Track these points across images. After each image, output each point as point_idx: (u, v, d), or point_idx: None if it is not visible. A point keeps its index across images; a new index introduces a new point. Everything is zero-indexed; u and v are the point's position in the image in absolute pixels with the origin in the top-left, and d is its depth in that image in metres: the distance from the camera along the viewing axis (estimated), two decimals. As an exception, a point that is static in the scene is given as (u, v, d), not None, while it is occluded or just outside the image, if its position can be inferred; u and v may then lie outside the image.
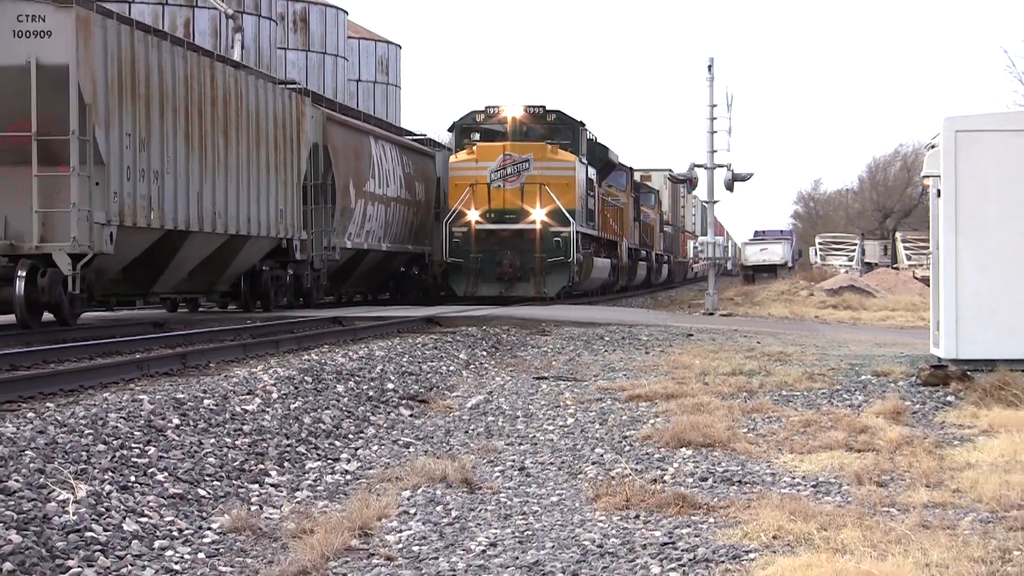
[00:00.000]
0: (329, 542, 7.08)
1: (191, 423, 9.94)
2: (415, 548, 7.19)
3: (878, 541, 6.75)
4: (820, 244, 70.28)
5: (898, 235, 68.86)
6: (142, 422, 9.51)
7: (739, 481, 8.78)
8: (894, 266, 59.86)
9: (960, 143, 13.68)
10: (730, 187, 32.72)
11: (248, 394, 11.51)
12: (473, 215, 32.51)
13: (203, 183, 22.78)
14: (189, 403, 10.51)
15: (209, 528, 7.73)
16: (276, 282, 27.64)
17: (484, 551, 7.05)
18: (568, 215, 32.50)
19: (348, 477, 9.63)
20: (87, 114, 18.80)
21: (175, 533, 7.54)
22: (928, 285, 18.41)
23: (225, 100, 23.92)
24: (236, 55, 34.99)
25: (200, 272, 24.39)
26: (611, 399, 13.07)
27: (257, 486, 9.03)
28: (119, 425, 9.23)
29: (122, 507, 7.61)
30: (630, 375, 15.28)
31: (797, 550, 6.65)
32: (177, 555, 7.12)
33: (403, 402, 13.44)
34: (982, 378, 12.68)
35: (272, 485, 9.16)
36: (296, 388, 12.41)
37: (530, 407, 12.89)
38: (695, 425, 10.46)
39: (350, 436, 11.36)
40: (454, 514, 7.98)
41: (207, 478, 8.77)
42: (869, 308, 33.10)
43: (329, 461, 10.21)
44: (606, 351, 18.92)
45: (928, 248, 14.95)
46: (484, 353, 19.08)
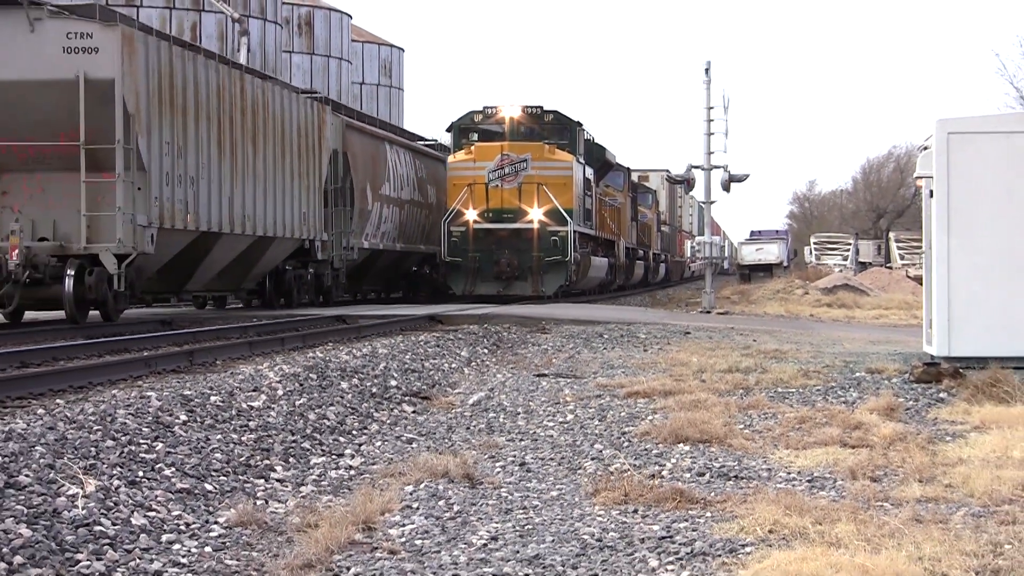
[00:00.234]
0: (333, 536, 7.09)
1: (198, 419, 9.95)
2: (418, 542, 7.19)
3: (872, 535, 6.75)
4: (815, 244, 70.30)
5: (891, 235, 68.87)
6: (150, 418, 9.51)
7: (736, 476, 8.78)
8: (887, 265, 59.91)
9: (952, 145, 13.67)
10: (727, 188, 32.70)
11: (254, 391, 11.52)
12: (471, 215, 32.28)
13: (234, 187, 23.83)
14: (196, 400, 10.51)
15: (215, 522, 7.74)
16: (299, 281, 28.59)
17: (485, 545, 7.05)
18: (566, 214, 32.22)
19: (352, 472, 9.63)
20: (130, 124, 19.89)
21: (182, 527, 7.54)
22: (921, 284, 18.40)
23: (253, 109, 24.98)
24: (242, 58, 35.02)
25: (229, 271, 25.42)
26: (610, 396, 13.06)
27: (263, 481, 9.03)
28: (127, 421, 9.23)
29: (130, 502, 7.61)
30: (629, 372, 15.27)
31: (792, 544, 6.65)
32: (184, 548, 7.13)
33: (406, 399, 13.44)
34: (974, 375, 12.67)
35: (277, 480, 9.16)
36: (301, 385, 12.42)
37: (530, 404, 12.88)
38: (692, 421, 10.46)
39: (354, 432, 11.36)
40: (456, 508, 7.98)
41: (214, 473, 8.78)
42: (863, 306, 33.08)
43: (333, 457, 10.21)
44: (605, 349, 18.91)
45: (921, 248, 14.95)
46: (485, 351, 19.08)
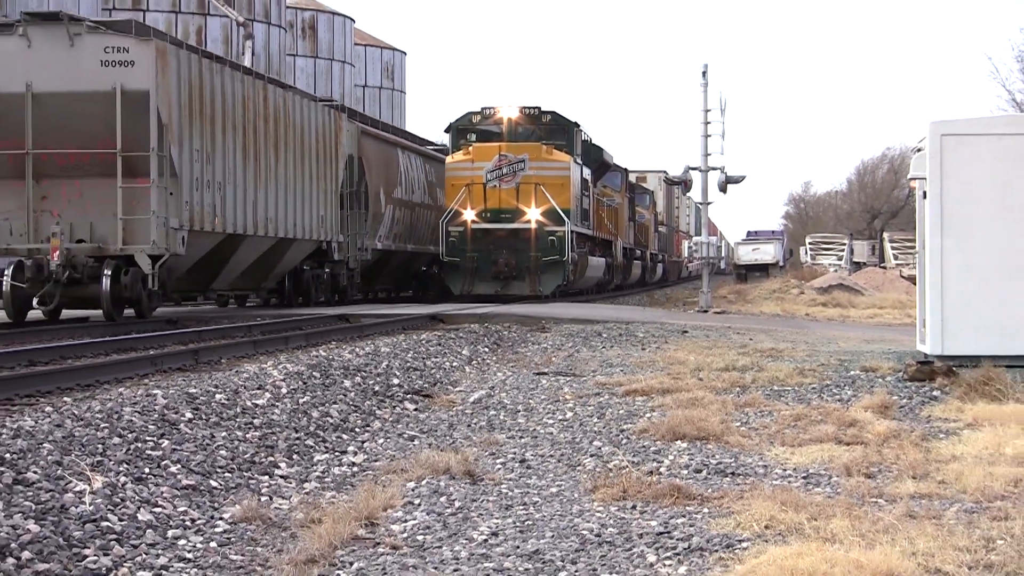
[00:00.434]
0: (336, 531, 7.09)
1: (203, 417, 9.95)
2: (419, 537, 7.19)
3: (866, 531, 6.75)
4: (810, 244, 70.31)
5: (886, 235, 68.86)
6: (156, 416, 9.51)
7: (732, 473, 8.78)
8: (882, 265, 59.85)
9: (946, 146, 13.67)
10: (723, 189, 32.66)
11: (258, 389, 11.52)
12: (469, 215, 32.05)
13: (257, 192, 24.77)
14: (201, 398, 10.51)
15: (221, 518, 7.74)
16: (316, 280, 29.40)
17: (486, 540, 7.06)
18: (563, 214, 31.99)
19: (355, 469, 9.63)
20: (164, 133, 20.75)
21: (188, 523, 7.54)
22: (914, 283, 18.39)
23: (275, 118, 25.90)
24: (247, 61, 35.04)
25: (252, 271, 26.26)
26: (609, 394, 13.06)
27: (267, 477, 9.03)
28: (134, 419, 9.24)
29: (137, 498, 7.61)
30: (627, 371, 15.26)
31: (788, 539, 6.66)
32: (190, 544, 7.13)
33: (408, 397, 13.43)
34: (967, 374, 12.67)
35: (281, 476, 9.16)
36: (304, 383, 12.42)
37: (530, 401, 12.88)
38: (690, 419, 10.46)
39: (357, 429, 11.36)
40: (457, 505, 7.98)
41: (219, 470, 8.78)
42: (858, 306, 33.04)
43: (336, 453, 10.21)
44: (604, 347, 18.90)
45: (914, 248, 14.94)
46: (486, 349, 19.07)
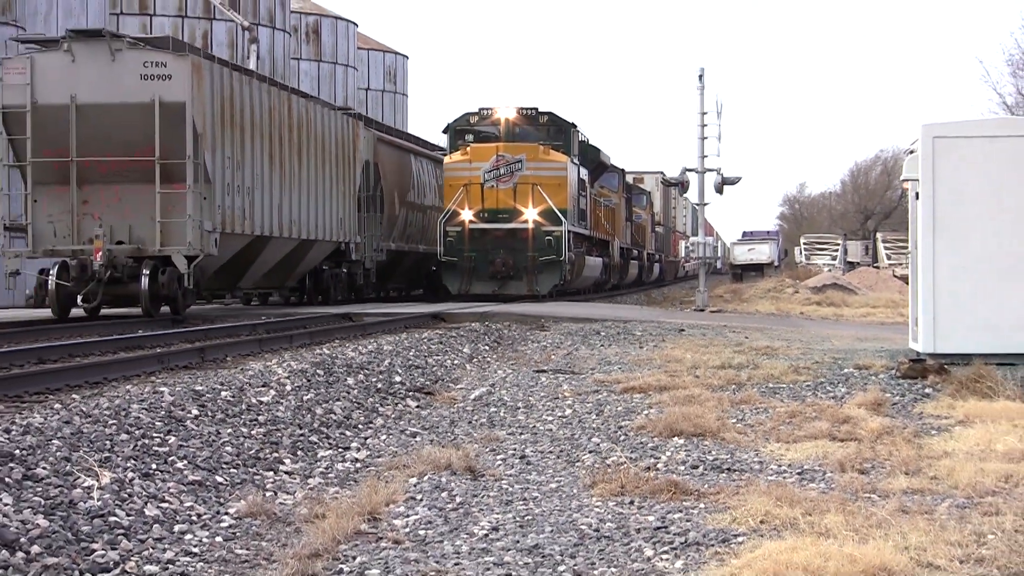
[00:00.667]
0: (340, 526, 7.09)
1: (209, 414, 9.95)
2: (421, 532, 7.19)
3: (860, 525, 6.75)
4: (805, 244, 70.28)
5: (879, 235, 68.87)
6: (163, 413, 9.51)
7: (728, 469, 8.78)
8: (875, 265, 59.90)
9: (938, 148, 13.67)
10: (720, 190, 32.63)
11: (263, 386, 11.52)
12: (467, 215, 31.87)
13: (282, 196, 25.90)
14: (207, 395, 10.51)
15: (226, 513, 7.74)
16: (335, 279, 30.34)
17: (487, 535, 7.05)
18: (560, 215, 31.81)
19: (358, 465, 9.63)
20: (198, 142, 21.76)
21: (194, 518, 7.54)
22: (907, 283, 18.39)
23: (299, 126, 26.96)
24: (251, 65, 35.02)
25: (276, 270, 27.27)
26: (607, 391, 13.06)
27: (272, 473, 9.03)
28: (141, 416, 9.23)
29: (144, 493, 7.61)
30: (625, 368, 15.26)
31: (783, 534, 6.66)
32: (196, 538, 7.13)
33: (410, 394, 13.44)
34: (958, 371, 12.67)
35: (286, 472, 9.16)
36: (308, 381, 12.42)
37: (530, 399, 12.88)
38: (687, 416, 10.46)
39: (360, 426, 11.36)
40: (458, 500, 7.98)
41: (224, 466, 8.78)
42: (851, 305, 33.03)
43: (340, 450, 10.21)
44: (602, 346, 18.89)
45: (907, 248, 14.93)
46: (486, 347, 19.06)
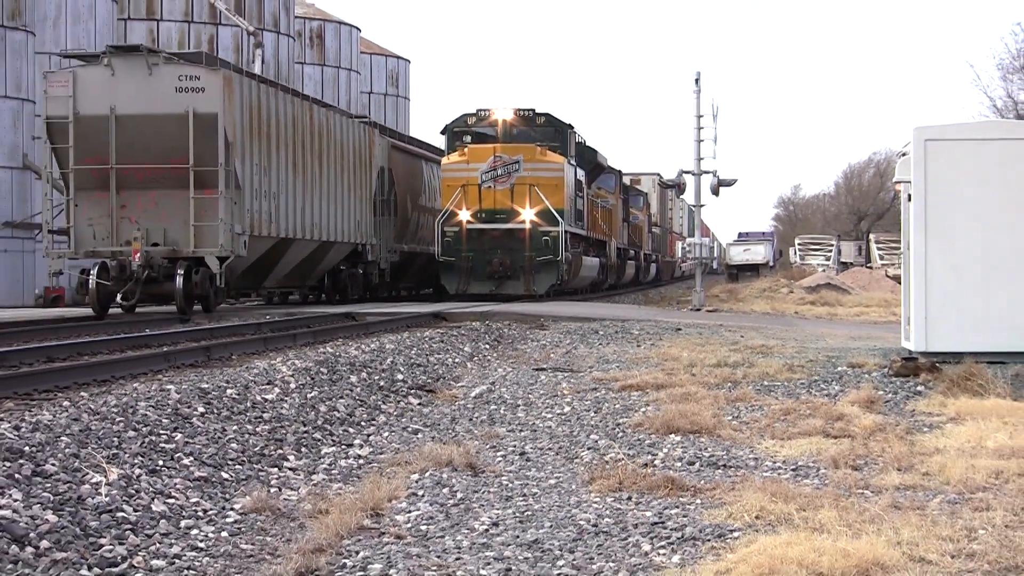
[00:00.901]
0: (343, 522, 7.08)
1: (215, 411, 9.95)
2: (423, 527, 7.19)
3: (853, 521, 6.75)
4: (799, 245, 70.33)
5: (872, 236, 68.88)
6: (169, 410, 9.51)
7: (724, 465, 8.78)
8: (868, 265, 59.86)
9: (929, 151, 13.68)
10: (716, 192, 32.64)
11: (268, 384, 11.52)
12: (464, 215, 31.69)
13: (305, 200, 27.02)
14: (213, 392, 10.51)
15: (232, 509, 7.73)
16: (352, 279, 31.36)
17: (487, 530, 7.05)
18: (557, 215, 31.62)
19: (361, 461, 9.63)
20: (229, 150, 22.94)
21: (200, 513, 7.54)
22: (899, 283, 18.40)
23: (319, 134, 28.06)
24: (256, 69, 35.04)
25: (298, 271, 28.43)
26: (605, 389, 13.05)
27: (276, 470, 9.03)
28: (148, 413, 9.23)
29: (151, 489, 7.61)
30: (623, 367, 15.25)
31: (778, 529, 6.65)
32: (202, 534, 7.13)
33: (412, 392, 13.43)
34: (950, 369, 12.67)
35: (290, 469, 9.16)
36: (312, 378, 12.41)
37: (530, 396, 12.88)
38: (683, 413, 10.46)
39: (363, 423, 11.36)
40: (459, 496, 7.98)
41: (230, 462, 8.78)
42: (845, 304, 33.01)
43: (343, 446, 10.21)
44: (600, 344, 18.88)
45: (899, 248, 14.95)
46: (487, 346, 19.06)
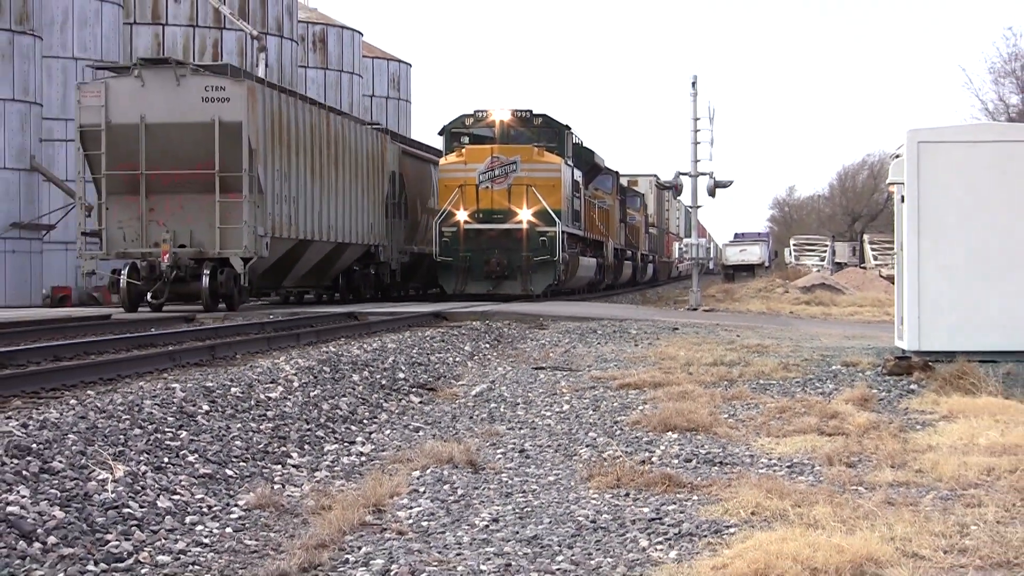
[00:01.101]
0: (346, 518, 7.09)
1: (219, 409, 9.95)
2: (424, 523, 7.19)
3: (847, 517, 6.76)
4: (794, 245, 70.28)
5: (865, 237, 68.87)
6: (174, 408, 9.52)
7: (720, 462, 8.79)
8: (862, 265, 59.90)
9: (922, 153, 13.67)
10: (712, 193, 32.61)
11: (271, 383, 11.52)
12: (462, 215, 31.47)
13: (321, 203, 28.01)
14: (217, 391, 10.51)
15: (236, 505, 7.74)
16: (365, 279, 32.32)
17: (487, 526, 7.06)
18: (554, 215, 31.38)
19: (363, 459, 9.64)
20: (253, 157, 24.13)
21: (205, 509, 7.55)
22: (893, 283, 18.39)
23: (335, 141, 29.05)
24: (260, 73, 35.04)
25: (314, 271, 29.34)
26: (603, 387, 13.06)
27: (280, 467, 9.04)
28: (153, 411, 9.24)
29: (156, 486, 7.62)
30: (621, 365, 15.26)
31: (773, 525, 6.66)
32: (206, 530, 7.13)
33: (413, 390, 13.44)
34: (942, 368, 12.67)
35: (293, 466, 9.16)
36: (315, 377, 12.42)
37: (529, 395, 12.88)
38: (680, 411, 10.47)
39: (365, 421, 11.36)
40: (460, 492, 7.98)
41: (234, 459, 8.78)
42: (839, 304, 33.01)
43: (345, 444, 10.21)
44: (599, 343, 18.88)
45: (893, 249, 14.95)
46: (487, 345, 19.06)
